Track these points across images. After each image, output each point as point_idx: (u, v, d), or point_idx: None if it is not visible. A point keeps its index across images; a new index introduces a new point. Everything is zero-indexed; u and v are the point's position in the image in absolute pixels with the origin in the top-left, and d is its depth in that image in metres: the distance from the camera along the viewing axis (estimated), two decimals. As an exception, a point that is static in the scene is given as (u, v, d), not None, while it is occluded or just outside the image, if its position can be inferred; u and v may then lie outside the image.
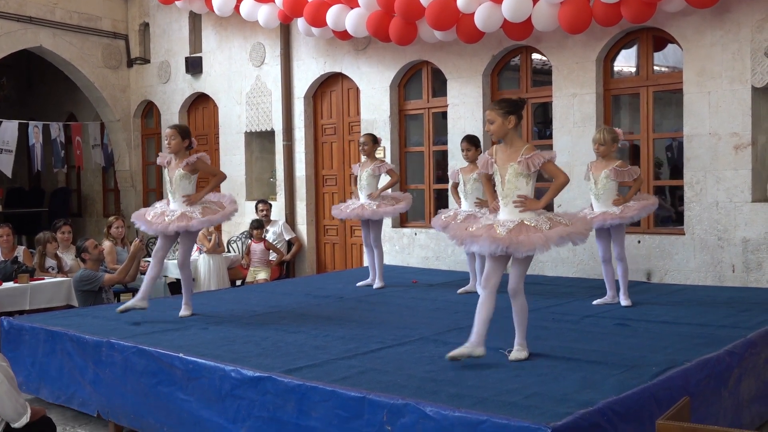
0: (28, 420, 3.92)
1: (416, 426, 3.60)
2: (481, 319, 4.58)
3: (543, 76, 9.18)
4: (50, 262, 8.69)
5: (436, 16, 8.39)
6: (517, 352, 4.64)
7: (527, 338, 4.74)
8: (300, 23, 10.06)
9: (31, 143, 12.78)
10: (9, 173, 12.37)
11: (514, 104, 4.71)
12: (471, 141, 7.53)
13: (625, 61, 8.78)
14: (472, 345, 4.54)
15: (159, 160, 6.97)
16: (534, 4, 7.90)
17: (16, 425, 3.88)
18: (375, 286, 7.96)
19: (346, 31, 9.43)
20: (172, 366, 4.80)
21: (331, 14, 9.41)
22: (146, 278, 6.41)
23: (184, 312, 6.39)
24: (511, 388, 3.96)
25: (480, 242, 4.53)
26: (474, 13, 8.25)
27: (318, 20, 9.59)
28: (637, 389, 3.78)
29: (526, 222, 4.56)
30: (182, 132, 6.64)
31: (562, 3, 7.70)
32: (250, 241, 10.34)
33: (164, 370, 4.85)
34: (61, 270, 8.66)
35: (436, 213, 10.00)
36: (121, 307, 6.34)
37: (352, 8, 9.28)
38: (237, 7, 10.73)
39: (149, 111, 13.51)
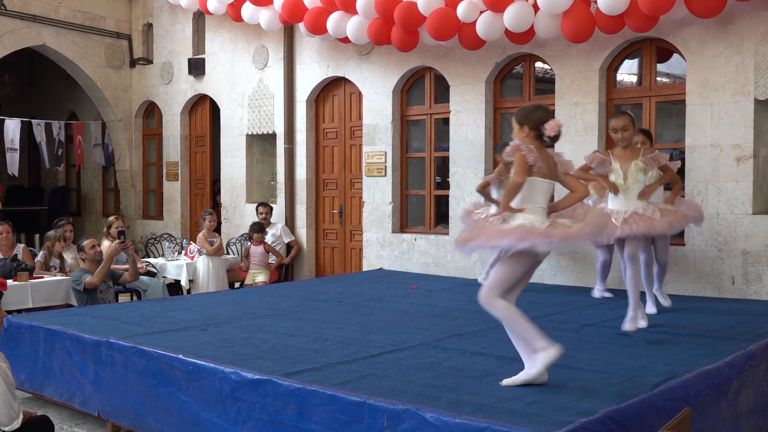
0: (19, 425, 3.92)
1: (416, 432, 3.60)
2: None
3: (546, 84, 9.19)
4: (53, 261, 8.69)
5: (437, 26, 8.39)
6: None
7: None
8: (301, 26, 10.07)
9: (38, 141, 12.78)
10: (16, 172, 12.39)
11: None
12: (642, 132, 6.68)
13: (628, 72, 8.80)
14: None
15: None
16: (536, 13, 7.91)
17: (6, 429, 3.89)
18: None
19: (347, 36, 9.44)
20: (172, 367, 4.79)
21: (332, 21, 9.40)
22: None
23: None
24: (511, 396, 3.97)
25: None
26: (474, 22, 8.26)
27: (318, 27, 9.59)
28: (637, 399, 3.78)
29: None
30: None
31: (565, 13, 7.71)
32: (249, 243, 10.33)
33: (164, 371, 4.84)
34: (62, 269, 8.66)
35: (435, 219, 10.09)
36: None
37: (351, 15, 9.26)
38: (239, 11, 10.72)
39: (151, 111, 13.52)
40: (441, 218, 10.01)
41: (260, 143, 11.91)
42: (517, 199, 4.26)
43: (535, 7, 7.87)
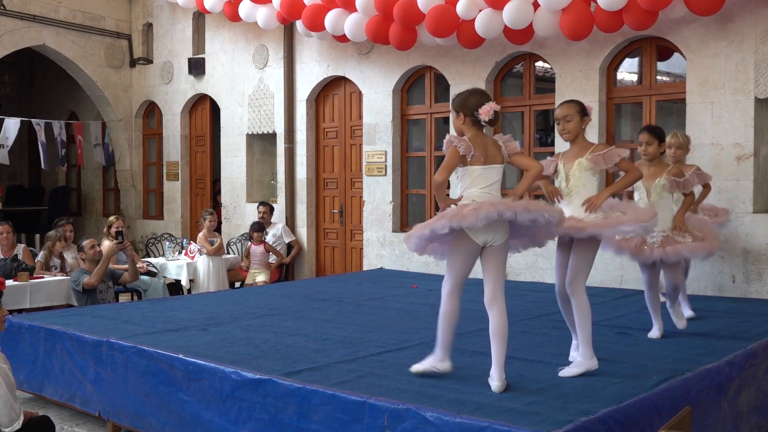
0: (19, 426, 3.92)
1: (417, 431, 3.59)
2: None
3: (546, 83, 9.19)
4: (54, 261, 8.69)
5: (436, 22, 8.38)
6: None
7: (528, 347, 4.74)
8: (299, 24, 10.07)
9: (40, 141, 12.76)
10: (6, 161, 12.31)
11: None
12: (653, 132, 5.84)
13: (628, 70, 8.79)
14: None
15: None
16: (535, 10, 7.91)
17: (7, 430, 3.88)
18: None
19: (345, 34, 9.44)
20: (172, 367, 4.79)
21: (330, 19, 9.41)
22: None
23: None
24: (511, 395, 3.97)
25: None
26: (474, 19, 8.26)
27: (316, 24, 9.59)
28: (638, 398, 3.78)
29: None
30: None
31: (564, 10, 7.71)
32: (249, 243, 10.33)
33: (164, 370, 4.84)
34: (63, 269, 8.66)
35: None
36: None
37: (350, 12, 9.27)
38: (236, 10, 10.71)
39: (151, 111, 13.52)
40: (441, 217, 9.98)
41: (260, 143, 11.91)
42: (461, 190, 4.34)
43: (535, 5, 7.87)
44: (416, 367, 4.40)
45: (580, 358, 4.45)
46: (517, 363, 4.65)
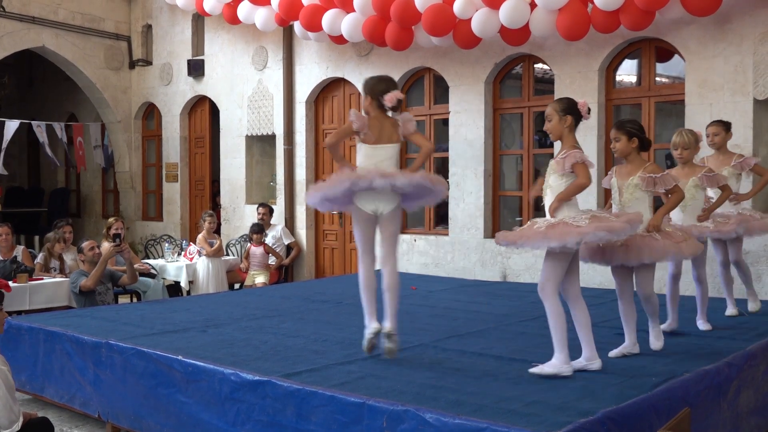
0: (19, 428, 3.92)
1: (416, 432, 3.60)
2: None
3: (545, 84, 9.20)
4: (53, 262, 8.68)
5: (433, 21, 8.40)
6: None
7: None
8: (297, 27, 10.08)
9: (41, 141, 12.75)
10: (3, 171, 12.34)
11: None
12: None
13: (627, 72, 8.80)
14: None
15: None
16: (532, 10, 7.91)
17: None
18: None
19: (342, 35, 9.45)
20: (171, 368, 4.79)
21: (327, 19, 9.42)
22: None
23: None
24: (510, 396, 3.96)
25: None
26: (470, 18, 8.27)
27: (314, 24, 9.60)
28: (637, 399, 3.78)
29: None
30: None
31: (560, 9, 7.72)
32: (249, 244, 10.33)
33: (163, 372, 4.84)
34: (62, 270, 8.65)
35: (435, 219, 10.10)
36: None
37: (347, 13, 9.28)
38: (235, 12, 10.72)
39: (150, 113, 13.52)
40: (440, 219, 10.01)
41: (260, 144, 11.91)
42: (357, 162, 4.88)
43: (532, 5, 7.88)
44: (364, 345, 4.93)
45: (555, 360, 4.43)
46: (516, 364, 4.65)
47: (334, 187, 4.69)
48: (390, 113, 4.86)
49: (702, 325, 5.79)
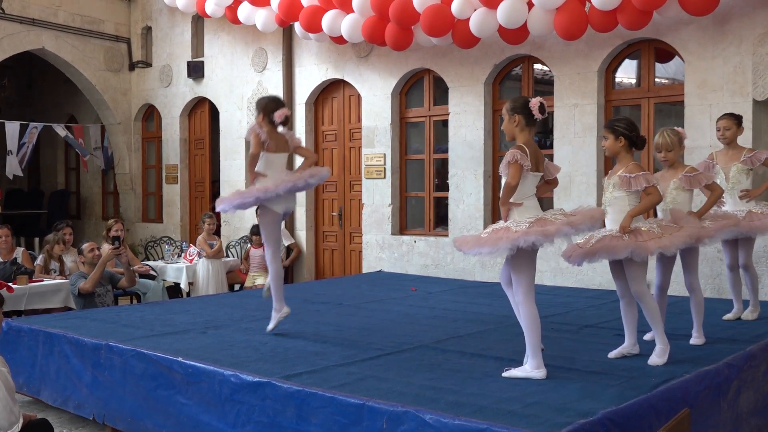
0: (19, 429, 3.91)
1: (416, 433, 3.60)
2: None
3: (544, 86, 9.20)
4: (53, 264, 8.68)
5: (431, 21, 8.42)
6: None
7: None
8: (297, 27, 10.08)
9: (22, 142, 12.63)
10: (21, 172, 12.40)
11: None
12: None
13: (627, 73, 8.80)
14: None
15: None
16: (529, 9, 7.92)
17: None
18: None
19: (342, 35, 9.45)
20: (171, 370, 4.79)
21: (327, 19, 9.43)
22: None
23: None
24: (510, 397, 3.97)
25: None
26: (468, 18, 8.28)
27: (313, 25, 9.61)
28: (637, 400, 3.78)
29: None
30: None
31: (558, 9, 7.73)
32: (249, 246, 10.33)
33: (163, 373, 4.84)
34: (62, 272, 8.65)
35: (435, 221, 10.10)
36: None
37: (347, 13, 9.29)
38: (236, 13, 10.74)
39: (150, 114, 13.53)
40: (440, 220, 10.02)
41: (259, 146, 11.89)
42: (260, 171, 5.73)
43: (529, 4, 7.89)
44: (269, 328, 5.78)
45: (527, 365, 4.42)
46: (516, 365, 4.64)
47: (245, 199, 5.69)
48: (280, 128, 5.74)
49: (695, 339, 5.35)
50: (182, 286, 9.68)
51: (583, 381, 4.29)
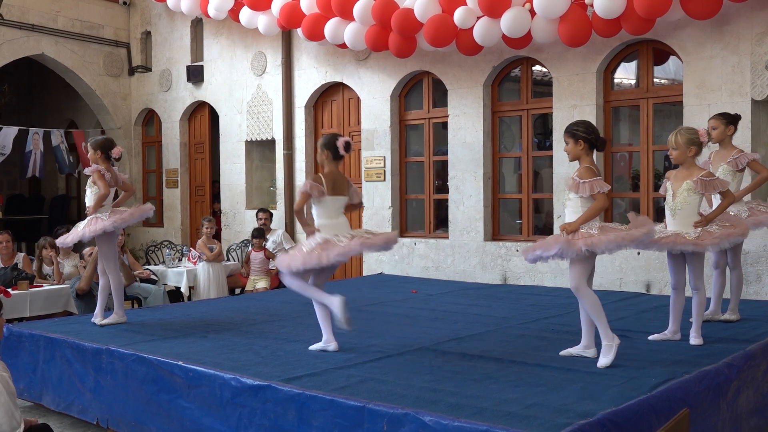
0: None
1: (416, 435, 3.61)
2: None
3: (543, 87, 9.22)
4: (47, 269, 8.69)
5: (434, 32, 8.40)
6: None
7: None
8: (299, 32, 10.09)
9: (27, 150, 12.72)
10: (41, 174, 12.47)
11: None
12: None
13: (625, 73, 8.82)
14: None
15: None
16: (532, 18, 7.92)
17: None
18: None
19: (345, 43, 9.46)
20: (172, 374, 4.80)
21: (329, 28, 9.42)
22: None
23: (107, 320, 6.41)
24: (510, 398, 3.97)
25: None
26: (472, 28, 8.27)
27: (316, 33, 9.61)
28: (636, 400, 3.79)
29: None
30: None
31: (561, 17, 7.73)
32: (249, 249, 10.34)
33: (165, 377, 4.85)
34: (58, 276, 8.65)
35: (435, 223, 10.11)
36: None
37: (348, 21, 9.28)
38: (238, 15, 10.77)
39: (150, 119, 13.55)
40: (440, 222, 10.03)
41: (259, 149, 11.93)
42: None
43: (532, 12, 7.89)
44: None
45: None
46: (515, 366, 4.67)
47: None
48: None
49: (694, 339, 5.27)
50: (183, 290, 9.69)
51: (583, 382, 4.30)
